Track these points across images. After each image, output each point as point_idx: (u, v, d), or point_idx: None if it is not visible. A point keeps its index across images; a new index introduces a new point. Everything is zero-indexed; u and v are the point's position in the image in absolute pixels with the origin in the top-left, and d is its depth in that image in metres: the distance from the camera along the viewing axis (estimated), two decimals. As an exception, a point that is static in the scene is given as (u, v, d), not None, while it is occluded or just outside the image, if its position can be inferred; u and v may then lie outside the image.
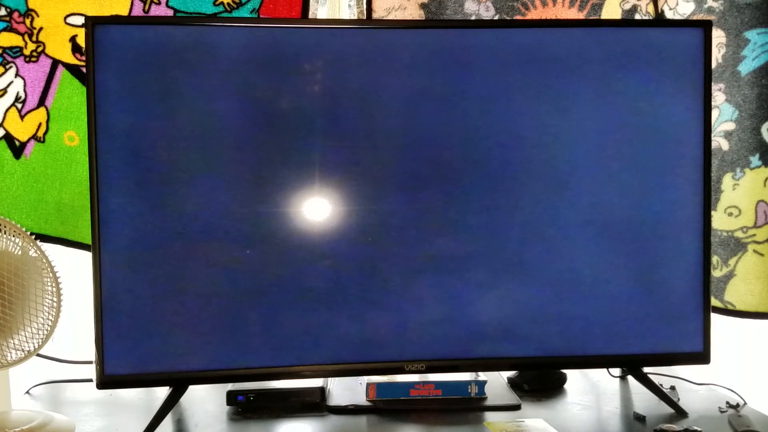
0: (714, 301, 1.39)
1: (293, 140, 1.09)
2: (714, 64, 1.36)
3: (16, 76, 1.30)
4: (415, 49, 1.11)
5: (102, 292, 1.05)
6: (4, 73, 1.29)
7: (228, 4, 1.31)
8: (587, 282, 1.14)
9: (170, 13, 1.30)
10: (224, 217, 1.09)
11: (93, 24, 1.04)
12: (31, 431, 1.00)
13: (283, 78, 1.08)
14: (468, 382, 1.17)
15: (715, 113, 1.38)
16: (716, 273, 1.41)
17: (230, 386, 1.16)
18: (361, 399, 1.16)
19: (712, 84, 1.28)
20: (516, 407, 1.15)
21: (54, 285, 1.05)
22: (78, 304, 1.17)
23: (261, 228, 1.09)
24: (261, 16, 1.32)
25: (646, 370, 1.22)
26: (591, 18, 1.36)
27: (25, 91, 1.30)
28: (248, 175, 1.09)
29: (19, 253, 1.04)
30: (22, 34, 1.29)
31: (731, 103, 1.38)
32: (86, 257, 1.27)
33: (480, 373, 1.20)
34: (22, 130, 1.31)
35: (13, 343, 1.04)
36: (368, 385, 1.15)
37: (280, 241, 1.09)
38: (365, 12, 1.34)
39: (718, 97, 1.38)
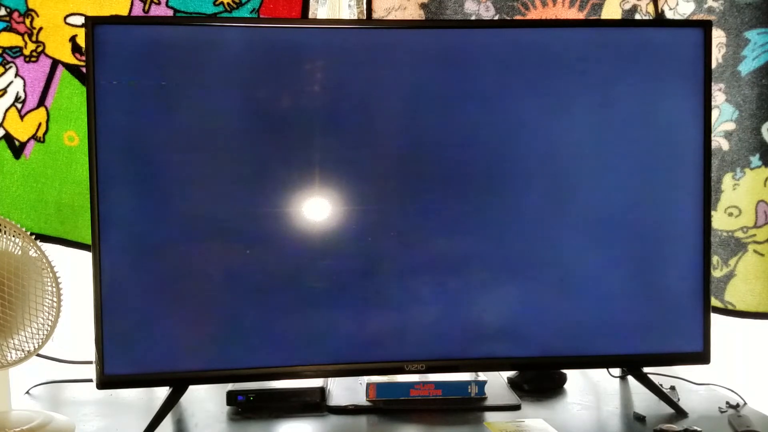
0: (714, 301, 1.39)
1: (293, 140, 1.09)
2: (714, 64, 1.36)
3: (16, 76, 1.30)
4: (415, 49, 1.11)
5: (102, 292, 1.05)
6: (4, 73, 1.29)
7: (228, 4, 1.31)
8: (587, 282, 1.14)
9: (170, 13, 1.30)
10: (224, 217, 1.09)
11: (93, 24, 1.04)
12: (31, 431, 1.00)
13: (283, 78, 1.08)
14: (468, 382, 1.17)
15: (715, 113, 1.38)
16: (716, 273, 1.41)
17: (230, 386, 1.16)
18: (361, 399, 1.16)
19: (712, 84, 1.28)
20: (516, 407, 1.15)
21: (54, 285, 1.05)
22: (78, 304, 1.17)
23: (261, 228, 1.09)
24: (261, 16, 1.32)
25: (646, 370, 1.22)
26: (591, 18, 1.36)
27: (24, 91, 1.30)
28: (248, 175, 1.09)
29: (19, 253, 1.04)
30: (22, 34, 1.29)
31: (731, 103, 1.38)
32: (86, 257, 1.27)
33: (480, 373, 1.20)
34: (21, 130, 1.31)
35: (13, 343, 1.04)
36: (368, 385, 1.15)
37: (280, 241, 1.09)
38: (365, 12, 1.34)
39: (718, 97, 1.38)
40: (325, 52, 1.09)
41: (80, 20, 1.29)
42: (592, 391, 1.26)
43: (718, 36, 1.36)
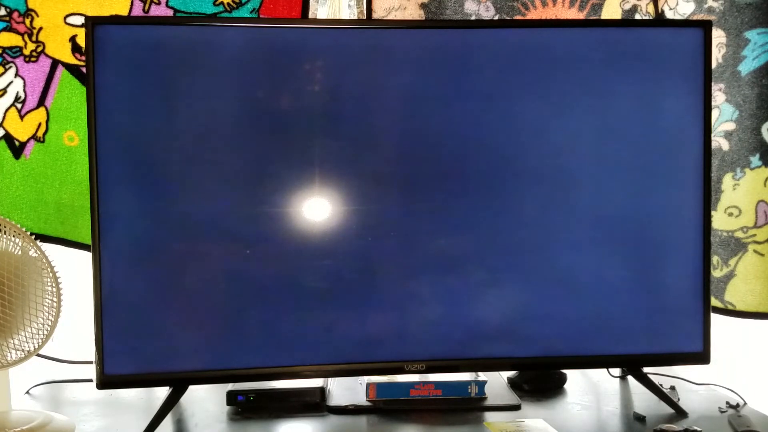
0: (714, 301, 1.39)
1: (293, 140, 1.09)
2: (714, 64, 1.36)
3: (15, 76, 1.30)
4: (415, 49, 1.11)
5: (102, 292, 1.05)
6: (3, 73, 1.29)
7: (228, 4, 1.31)
8: (587, 282, 1.14)
9: (170, 13, 1.30)
10: (224, 217, 1.09)
11: (93, 24, 1.04)
12: (31, 431, 1.00)
13: (283, 78, 1.08)
14: (468, 382, 1.17)
15: (715, 113, 1.38)
16: (716, 273, 1.41)
17: (230, 386, 1.16)
18: (361, 399, 1.16)
19: (712, 84, 1.29)
20: (516, 407, 1.15)
21: (54, 285, 1.05)
22: (78, 304, 1.17)
23: (261, 228, 1.09)
24: (261, 16, 1.32)
25: (646, 370, 1.22)
26: (591, 18, 1.36)
27: (24, 91, 1.30)
28: (248, 175, 1.09)
29: (19, 253, 1.04)
30: (22, 34, 1.29)
31: (731, 103, 1.38)
32: (86, 257, 1.27)
33: (480, 373, 1.20)
34: (21, 130, 1.31)
35: (13, 343, 1.04)
36: (368, 385, 1.15)
37: (280, 241, 1.09)
38: (365, 12, 1.34)
39: (718, 97, 1.38)
40: (325, 52, 1.09)
41: (80, 20, 1.29)
42: (592, 391, 1.26)
43: (718, 36, 1.36)
